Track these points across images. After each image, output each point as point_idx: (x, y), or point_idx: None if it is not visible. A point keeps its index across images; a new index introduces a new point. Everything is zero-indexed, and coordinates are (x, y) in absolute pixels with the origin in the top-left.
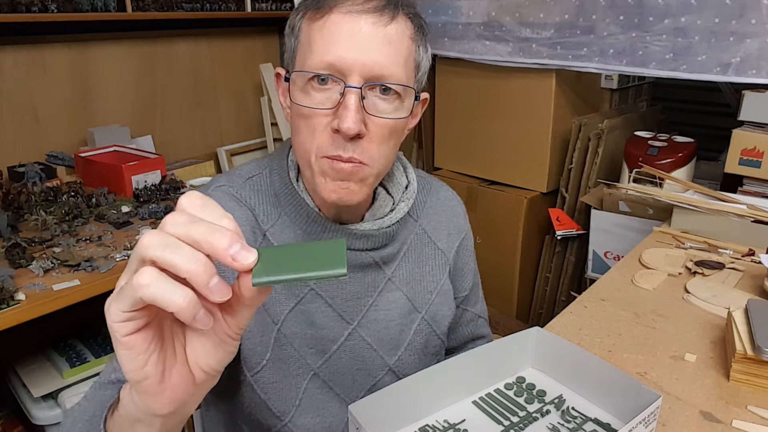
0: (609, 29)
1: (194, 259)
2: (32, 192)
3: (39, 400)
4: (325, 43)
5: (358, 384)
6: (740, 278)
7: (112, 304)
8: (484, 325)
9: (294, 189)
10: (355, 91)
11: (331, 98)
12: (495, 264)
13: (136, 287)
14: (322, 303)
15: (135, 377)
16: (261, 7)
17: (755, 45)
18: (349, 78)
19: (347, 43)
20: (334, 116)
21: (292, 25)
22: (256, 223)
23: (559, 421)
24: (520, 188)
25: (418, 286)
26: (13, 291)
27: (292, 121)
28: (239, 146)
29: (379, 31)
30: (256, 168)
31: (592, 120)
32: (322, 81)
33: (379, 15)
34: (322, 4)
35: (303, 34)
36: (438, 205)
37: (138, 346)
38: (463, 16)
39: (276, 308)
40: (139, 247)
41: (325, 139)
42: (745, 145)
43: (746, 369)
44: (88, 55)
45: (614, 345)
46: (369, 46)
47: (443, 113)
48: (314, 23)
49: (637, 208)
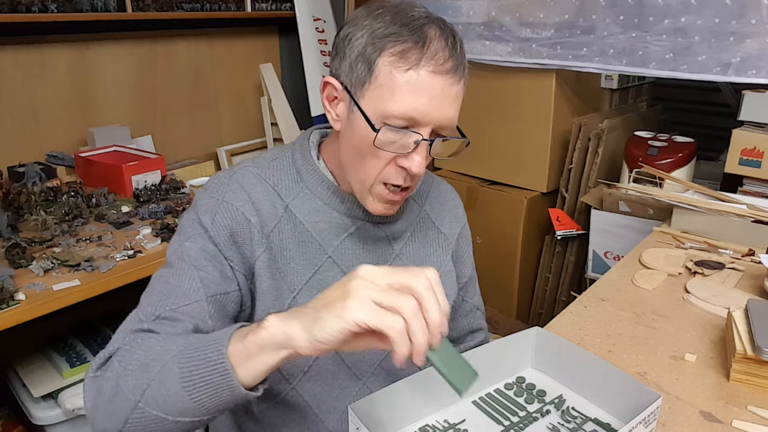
0: (609, 29)
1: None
2: (32, 192)
3: (39, 400)
4: (410, 97)
5: (368, 358)
6: (740, 278)
7: (361, 315)
8: (481, 317)
9: (315, 165)
10: (427, 143)
11: (405, 144)
12: (495, 264)
13: (390, 324)
14: (338, 272)
15: (329, 346)
16: (261, 7)
17: (755, 45)
18: (423, 129)
19: (429, 102)
20: (403, 156)
21: (367, 58)
22: (277, 197)
23: (559, 421)
24: (520, 188)
25: (423, 264)
26: (13, 291)
27: (356, 145)
28: (239, 146)
29: (453, 90)
30: (280, 152)
31: (592, 120)
32: (400, 129)
33: (453, 75)
34: (407, 55)
35: (383, 75)
36: (440, 195)
37: (352, 341)
38: (463, 16)
39: (294, 277)
40: (404, 305)
41: (390, 171)
42: (745, 145)
43: (746, 369)
44: (88, 55)
45: (614, 345)
46: (444, 103)
47: None
48: (400, 73)
49: (637, 208)
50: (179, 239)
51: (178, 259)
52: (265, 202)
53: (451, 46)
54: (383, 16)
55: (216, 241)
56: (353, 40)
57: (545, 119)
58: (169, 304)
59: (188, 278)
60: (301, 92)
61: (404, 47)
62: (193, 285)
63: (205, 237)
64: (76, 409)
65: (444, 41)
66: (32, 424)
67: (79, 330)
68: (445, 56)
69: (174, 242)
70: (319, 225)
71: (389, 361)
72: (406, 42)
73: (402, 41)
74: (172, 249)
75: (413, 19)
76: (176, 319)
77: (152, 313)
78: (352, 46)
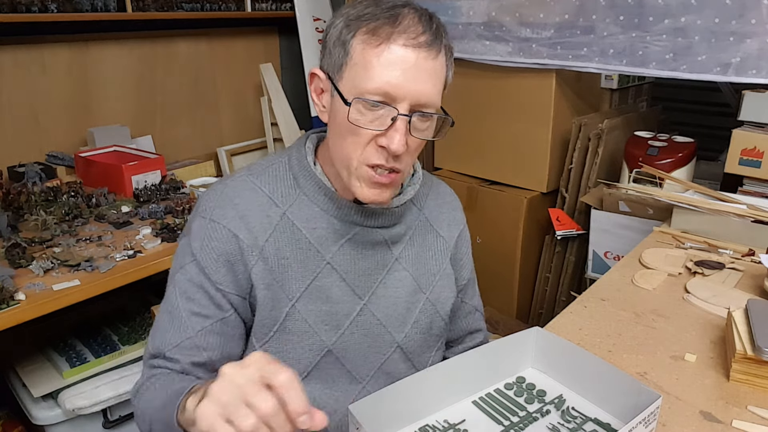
0: (609, 29)
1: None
2: (32, 192)
3: (39, 400)
4: (382, 71)
5: (369, 361)
6: (740, 278)
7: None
8: (480, 318)
9: (312, 171)
10: (406, 119)
11: (383, 120)
12: (495, 264)
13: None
14: (337, 277)
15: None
16: (261, 7)
17: (755, 45)
18: (400, 105)
19: (402, 74)
20: (382, 134)
21: (342, 40)
22: (273, 206)
23: (559, 421)
24: (520, 188)
25: (422, 268)
26: (13, 291)
27: (337, 128)
28: (239, 146)
29: (429, 64)
30: (276, 158)
31: (592, 120)
32: (376, 104)
33: (428, 49)
34: (379, 31)
35: (357, 54)
36: (439, 198)
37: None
38: (463, 16)
39: (292, 285)
40: (257, 404)
41: (371, 151)
42: (745, 145)
43: (746, 369)
44: (88, 55)
45: (614, 345)
46: (419, 77)
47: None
48: (371, 49)
49: (637, 208)
50: (175, 266)
51: (173, 290)
52: (257, 213)
53: (426, 22)
54: (361, 3)
55: (204, 267)
56: (331, 27)
57: (545, 119)
58: (166, 342)
59: (181, 313)
60: (301, 92)
61: (376, 24)
62: (185, 321)
63: (195, 265)
64: (76, 409)
65: (417, 18)
66: (32, 424)
67: (79, 330)
68: (418, 31)
69: (173, 268)
70: (317, 231)
71: (389, 364)
72: (378, 20)
73: (374, 20)
74: (171, 275)
75: (388, 2)
76: (172, 359)
77: (156, 350)
78: (330, 34)
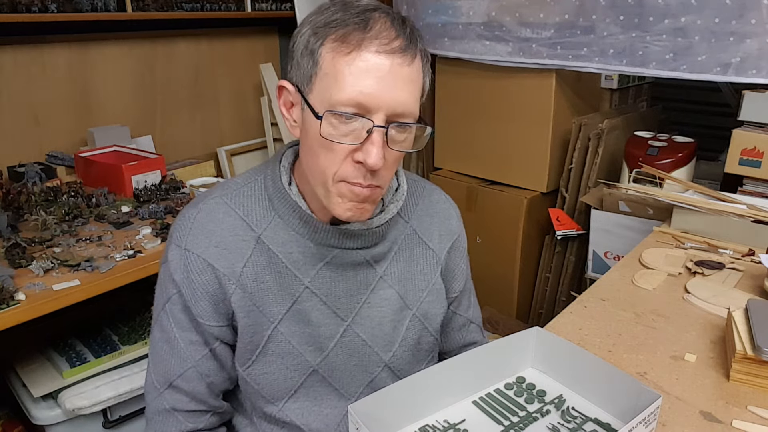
0: (609, 29)
1: None
2: (32, 192)
3: (39, 400)
4: (354, 81)
5: (356, 380)
6: (740, 278)
7: None
8: (476, 331)
9: (286, 193)
10: (382, 130)
11: (357, 133)
12: (495, 264)
13: None
14: (317, 301)
15: None
16: (261, 7)
17: (755, 45)
18: (375, 116)
19: (376, 83)
20: (358, 148)
21: (310, 49)
22: (248, 229)
23: (559, 421)
24: (520, 188)
25: (409, 284)
26: (13, 291)
27: (309, 144)
28: (239, 146)
29: (404, 71)
30: (252, 176)
31: (592, 120)
32: (349, 116)
33: (403, 55)
34: (348, 38)
35: (326, 63)
36: (430, 207)
37: None
38: (463, 16)
39: (272, 308)
40: None
41: (347, 168)
42: (745, 145)
43: (746, 369)
44: (88, 55)
45: (614, 345)
46: (395, 85)
47: (443, 113)
48: (341, 57)
49: (637, 208)
50: (161, 294)
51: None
52: (232, 238)
53: (399, 26)
54: (328, 9)
55: (187, 300)
56: (298, 36)
57: (545, 119)
58: (171, 372)
59: (180, 343)
60: None
61: (346, 31)
62: (185, 350)
63: (179, 297)
64: (76, 409)
65: (389, 22)
66: (32, 424)
67: (79, 330)
68: (391, 36)
69: (159, 294)
70: (293, 256)
71: (377, 382)
72: (348, 26)
73: (343, 26)
74: (161, 303)
75: (358, 7)
76: (178, 388)
77: (163, 380)
78: (297, 43)
